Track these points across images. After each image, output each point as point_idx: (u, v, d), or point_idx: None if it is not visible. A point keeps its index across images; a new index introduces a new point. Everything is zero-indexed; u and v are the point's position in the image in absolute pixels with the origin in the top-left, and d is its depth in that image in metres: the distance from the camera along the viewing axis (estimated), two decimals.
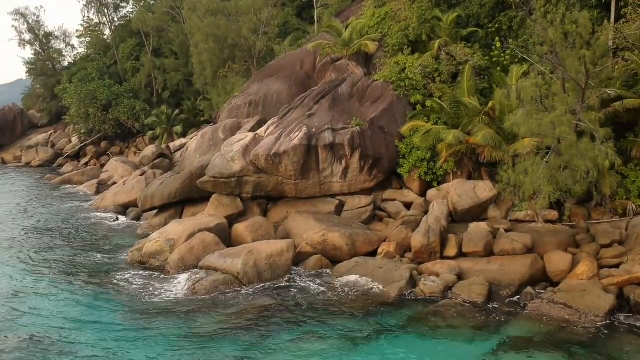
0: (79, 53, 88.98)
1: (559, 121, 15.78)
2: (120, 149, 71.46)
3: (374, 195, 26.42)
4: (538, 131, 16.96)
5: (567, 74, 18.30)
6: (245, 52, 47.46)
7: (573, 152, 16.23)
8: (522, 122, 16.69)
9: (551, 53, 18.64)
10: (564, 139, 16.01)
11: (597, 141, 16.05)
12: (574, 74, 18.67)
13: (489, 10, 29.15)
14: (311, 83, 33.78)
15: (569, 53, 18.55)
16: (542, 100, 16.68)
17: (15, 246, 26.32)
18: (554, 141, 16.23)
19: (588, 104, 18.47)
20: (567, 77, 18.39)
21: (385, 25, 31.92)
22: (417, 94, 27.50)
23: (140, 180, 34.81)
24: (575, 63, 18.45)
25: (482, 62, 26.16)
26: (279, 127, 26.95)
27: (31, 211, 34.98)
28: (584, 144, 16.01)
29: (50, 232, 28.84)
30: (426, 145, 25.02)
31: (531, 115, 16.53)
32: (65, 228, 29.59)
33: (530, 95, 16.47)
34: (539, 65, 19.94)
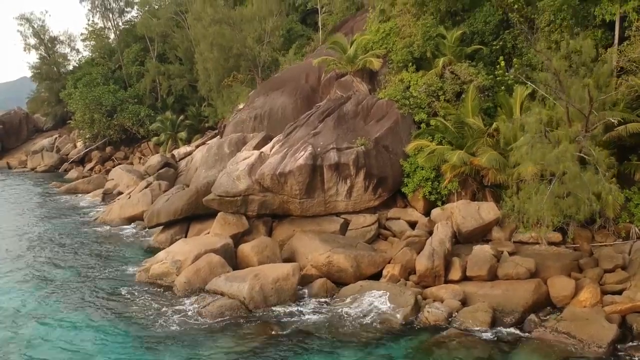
0: (84, 57, 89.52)
1: (563, 156, 15.94)
2: (125, 154, 71.89)
3: (379, 213, 26.60)
4: (542, 161, 17.11)
5: (571, 102, 18.43)
6: (250, 62, 47.61)
7: (576, 183, 16.39)
8: (526, 155, 16.84)
9: (555, 81, 18.75)
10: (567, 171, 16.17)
11: (600, 175, 16.18)
12: (578, 102, 18.79)
13: (493, 28, 29.29)
14: (316, 97, 33.97)
15: (573, 81, 18.67)
16: (546, 133, 16.81)
17: (20, 262, 26.55)
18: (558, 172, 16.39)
19: (592, 132, 18.61)
20: (571, 106, 18.51)
21: (390, 41, 32.08)
22: (421, 112, 27.64)
23: (146, 194, 35.05)
24: (579, 91, 18.57)
25: (486, 82, 26.29)
26: (284, 145, 27.13)
27: (36, 223, 35.24)
28: (587, 177, 16.16)
29: (56, 247, 29.07)
30: (430, 165, 25.18)
31: (535, 147, 16.67)
32: (70, 243, 29.82)
33: (534, 130, 16.60)
34: (542, 91, 20.04)
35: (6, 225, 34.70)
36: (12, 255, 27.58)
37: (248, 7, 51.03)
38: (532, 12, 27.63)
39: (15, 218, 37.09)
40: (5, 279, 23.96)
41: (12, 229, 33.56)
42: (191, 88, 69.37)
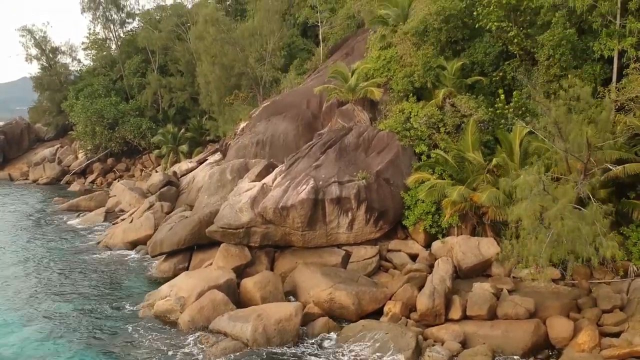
0: (85, 66, 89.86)
1: (562, 214, 16.25)
2: (127, 165, 72.27)
3: (380, 245, 26.92)
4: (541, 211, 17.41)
5: (569, 151, 18.76)
6: (252, 80, 47.93)
7: (575, 235, 16.70)
8: (525, 213, 17.15)
9: (554, 128, 19.06)
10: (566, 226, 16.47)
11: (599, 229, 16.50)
12: (577, 148, 19.11)
13: (493, 59, 29.59)
14: (317, 124, 34.30)
15: (572, 128, 18.98)
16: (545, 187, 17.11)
17: (18, 290, 26.55)
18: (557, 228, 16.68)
19: (590, 178, 18.94)
20: (570, 154, 18.84)
21: (391, 69, 32.39)
22: (422, 144, 27.95)
23: (149, 218, 35.32)
24: (578, 137, 18.87)
25: (485, 117, 26.56)
26: (286, 177, 27.43)
27: (37, 247, 35.32)
28: (586, 231, 16.47)
29: (57, 277, 29.02)
30: (431, 199, 25.46)
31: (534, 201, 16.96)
32: (72, 272, 29.83)
33: (533, 189, 16.90)
34: (542, 135, 20.35)
35: (5, 249, 34.84)
36: (11, 287, 27.40)
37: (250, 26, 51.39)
38: (532, 45, 27.92)
39: (16, 241, 37.18)
40: (2, 317, 23.63)
41: (12, 254, 33.60)
42: (192, 100, 69.69)
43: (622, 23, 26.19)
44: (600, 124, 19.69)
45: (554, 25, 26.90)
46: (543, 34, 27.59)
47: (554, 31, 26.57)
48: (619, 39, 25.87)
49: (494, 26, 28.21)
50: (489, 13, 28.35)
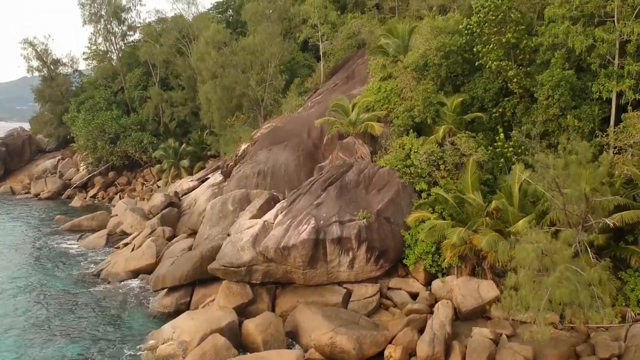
0: (86, 76, 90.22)
1: (559, 283, 16.48)
2: (128, 179, 72.51)
3: (380, 282, 27.16)
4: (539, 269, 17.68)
5: (567, 210, 19.05)
6: (253, 102, 48.16)
7: (573, 297, 16.93)
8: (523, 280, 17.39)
9: (553, 184, 19.31)
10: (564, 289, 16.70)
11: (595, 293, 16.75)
12: (575, 201, 19.36)
13: (493, 95, 29.79)
14: (318, 154, 34.53)
15: (570, 184, 19.21)
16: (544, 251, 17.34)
17: (15, 328, 26.49)
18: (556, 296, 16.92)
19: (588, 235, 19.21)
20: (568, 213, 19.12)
21: (391, 101, 32.62)
22: (422, 181, 28.18)
23: (150, 246, 35.54)
24: (576, 194, 19.11)
25: (485, 157, 26.76)
26: (288, 215, 27.66)
27: (36, 273, 35.43)
28: (583, 295, 16.70)
29: (58, 310, 28.97)
30: (431, 240, 25.69)
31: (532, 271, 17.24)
32: (74, 304, 29.81)
33: (532, 260, 17.13)
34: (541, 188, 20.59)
35: (5, 276, 34.92)
36: (8, 322, 27.35)
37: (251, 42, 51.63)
38: (531, 84, 28.15)
39: (15, 268, 37.30)
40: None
41: (10, 283, 33.59)
42: (193, 115, 69.94)
43: (621, 64, 26.45)
44: (597, 178, 19.91)
45: (553, 65, 27.15)
46: (542, 72, 27.89)
47: (553, 71, 26.82)
48: (617, 79, 26.12)
49: (494, 65, 28.45)
50: (489, 51, 28.58)
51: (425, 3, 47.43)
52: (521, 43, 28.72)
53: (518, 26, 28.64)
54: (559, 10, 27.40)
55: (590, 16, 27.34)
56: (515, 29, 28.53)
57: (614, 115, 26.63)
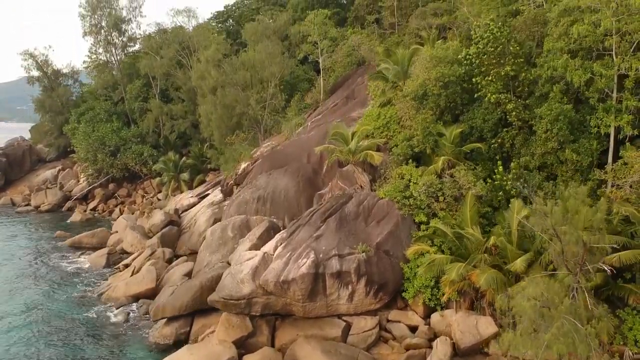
0: (87, 85, 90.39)
1: (557, 340, 16.60)
2: (128, 191, 72.59)
3: (380, 315, 27.27)
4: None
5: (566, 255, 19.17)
6: (253, 120, 48.29)
7: (571, 349, 17.04)
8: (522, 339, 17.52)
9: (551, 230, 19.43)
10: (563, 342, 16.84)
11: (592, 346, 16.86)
12: (573, 246, 19.47)
13: (491, 126, 29.86)
14: (318, 180, 34.64)
15: (567, 230, 19.33)
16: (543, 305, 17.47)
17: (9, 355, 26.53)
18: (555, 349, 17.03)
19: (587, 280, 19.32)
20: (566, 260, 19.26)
21: (390, 128, 32.74)
22: (421, 213, 28.28)
23: (150, 271, 35.64)
24: (574, 239, 19.22)
25: (483, 192, 26.84)
26: (287, 247, 27.77)
27: (35, 296, 35.49)
28: (581, 348, 16.81)
29: (54, 337, 29.00)
30: (430, 275, 25.79)
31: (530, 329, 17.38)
32: (73, 333, 29.68)
33: (530, 315, 17.25)
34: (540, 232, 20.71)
35: (3, 298, 34.95)
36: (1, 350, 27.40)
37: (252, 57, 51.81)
38: (530, 116, 28.26)
39: (15, 287, 37.36)
40: None
41: (7, 307, 33.69)
42: (193, 127, 70.06)
43: (619, 98, 26.55)
44: (595, 223, 20.01)
45: (551, 99, 27.28)
46: (541, 105, 28.03)
47: (552, 105, 26.94)
48: (616, 114, 26.21)
49: (492, 98, 28.56)
50: (488, 84, 28.69)
51: (425, 22, 47.52)
52: (520, 75, 28.82)
53: (517, 59, 28.75)
54: (557, 44, 27.51)
55: (588, 49, 27.43)
56: (514, 61, 28.64)
57: (612, 149, 26.73)
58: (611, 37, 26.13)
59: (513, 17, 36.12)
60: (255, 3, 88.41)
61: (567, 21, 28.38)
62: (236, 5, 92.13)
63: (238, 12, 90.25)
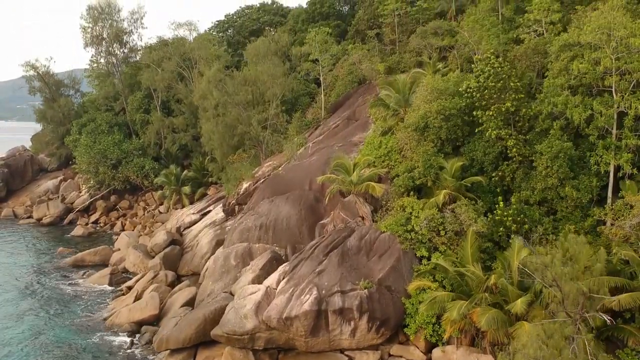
0: (88, 93, 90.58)
1: None
2: (129, 203, 72.86)
3: (381, 349, 27.55)
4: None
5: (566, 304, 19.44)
6: (254, 140, 48.55)
7: None
8: None
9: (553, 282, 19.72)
10: None
11: None
12: (572, 296, 19.74)
13: (492, 159, 30.09)
14: (320, 208, 34.88)
15: (566, 281, 19.60)
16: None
17: None
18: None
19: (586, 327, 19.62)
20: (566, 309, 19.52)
21: (392, 158, 32.99)
22: (422, 247, 28.54)
23: (154, 297, 35.88)
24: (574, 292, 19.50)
25: (484, 229, 27.07)
26: (290, 282, 28.05)
27: (38, 321, 35.75)
28: None
29: None
30: (432, 312, 26.04)
31: None
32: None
33: None
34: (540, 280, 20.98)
35: (5, 322, 35.15)
36: None
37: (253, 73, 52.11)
38: (530, 152, 28.50)
39: (17, 310, 37.59)
40: None
41: (11, 328, 33.88)
42: (194, 140, 70.27)
43: (618, 135, 26.81)
44: (595, 273, 20.28)
45: (552, 135, 27.50)
46: (541, 140, 28.28)
47: (552, 142, 27.19)
48: (615, 151, 26.47)
49: (493, 134, 28.81)
50: (489, 119, 28.93)
51: (426, 41, 47.75)
52: (521, 110, 29.07)
53: (517, 94, 29.00)
54: (557, 81, 27.75)
55: (588, 86, 27.68)
56: (514, 97, 28.89)
57: (612, 185, 27.01)
58: (611, 76, 26.38)
59: (514, 43, 36.40)
60: (256, 13, 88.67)
61: (567, 56, 28.66)
62: (237, 14, 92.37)
63: (239, 21, 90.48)
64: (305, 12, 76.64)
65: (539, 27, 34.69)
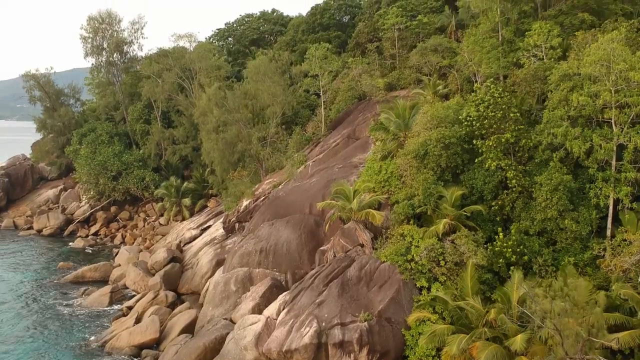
0: (89, 101, 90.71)
1: None
2: (130, 214, 72.94)
3: None
4: None
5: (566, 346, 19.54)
6: (254, 157, 48.63)
7: None
8: None
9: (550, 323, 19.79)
10: None
11: None
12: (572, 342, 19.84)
13: (492, 188, 30.10)
14: (320, 232, 34.92)
15: (566, 323, 19.68)
16: None
17: None
18: None
19: None
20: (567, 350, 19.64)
21: (392, 184, 33.04)
22: (422, 278, 28.57)
23: (154, 321, 35.96)
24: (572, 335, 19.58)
25: (484, 262, 27.10)
26: (290, 313, 28.12)
27: (36, 344, 35.83)
28: None
29: None
30: (432, 345, 26.09)
31: None
32: None
33: None
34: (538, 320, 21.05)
35: (4, 349, 35.14)
36: None
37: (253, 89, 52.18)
38: (529, 183, 28.54)
39: (15, 331, 37.72)
40: None
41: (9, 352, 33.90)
42: (194, 151, 70.36)
43: (618, 167, 26.85)
44: (594, 318, 20.36)
45: (551, 168, 27.53)
46: (541, 171, 28.33)
47: (552, 174, 27.22)
48: (615, 184, 26.51)
49: (493, 165, 28.86)
50: (488, 150, 28.98)
51: (426, 59, 47.82)
52: (521, 141, 29.12)
53: (517, 125, 29.05)
54: (557, 112, 27.79)
55: (588, 117, 27.72)
56: (514, 127, 28.94)
57: (611, 216, 27.06)
58: (610, 109, 26.43)
59: (514, 66, 36.42)
60: (257, 22, 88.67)
61: (566, 86, 28.71)
62: (237, 22, 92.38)
63: (240, 29, 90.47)
64: (305, 22, 76.69)
65: (538, 51, 34.69)
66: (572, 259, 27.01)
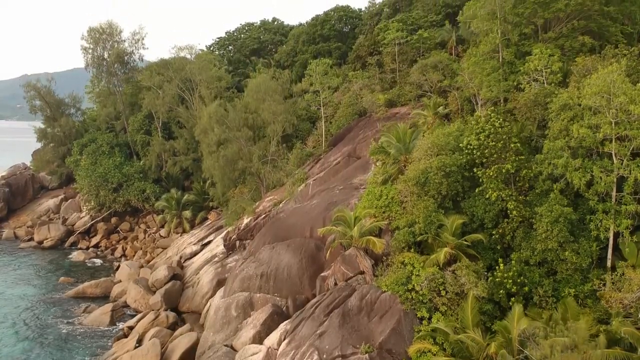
0: (89, 109, 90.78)
1: None
2: (130, 225, 73.03)
3: None
4: None
5: None
6: (255, 175, 48.69)
7: None
8: None
9: None
10: None
11: None
12: None
13: (492, 216, 30.12)
14: (321, 257, 34.99)
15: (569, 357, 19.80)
16: None
17: None
18: None
19: None
20: None
21: (392, 209, 33.08)
22: (423, 308, 28.57)
23: (155, 344, 35.97)
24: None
25: (484, 294, 27.14)
26: (291, 344, 28.18)
27: None
28: None
29: None
30: None
31: None
32: None
33: None
34: None
35: None
36: None
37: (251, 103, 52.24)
38: (530, 214, 28.58)
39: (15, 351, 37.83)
40: None
41: None
42: (195, 162, 70.39)
43: (618, 198, 26.87)
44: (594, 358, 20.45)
45: (552, 199, 27.56)
46: (541, 201, 28.35)
47: (552, 206, 27.24)
48: (615, 216, 26.54)
49: (494, 196, 28.89)
50: (489, 180, 29.01)
51: (426, 76, 47.87)
52: (521, 171, 29.15)
53: (518, 155, 29.08)
54: (557, 143, 27.83)
55: (588, 148, 27.75)
56: (514, 158, 28.98)
57: (611, 247, 27.08)
58: (610, 142, 26.45)
59: (515, 89, 36.43)
60: (257, 31, 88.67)
61: (567, 116, 28.73)
62: (238, 31, 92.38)
63: (240, 38, 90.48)
64: (305, 32, 76.70)
65: (539, 75, 34.68)
66: (573, 290, 27.05)
